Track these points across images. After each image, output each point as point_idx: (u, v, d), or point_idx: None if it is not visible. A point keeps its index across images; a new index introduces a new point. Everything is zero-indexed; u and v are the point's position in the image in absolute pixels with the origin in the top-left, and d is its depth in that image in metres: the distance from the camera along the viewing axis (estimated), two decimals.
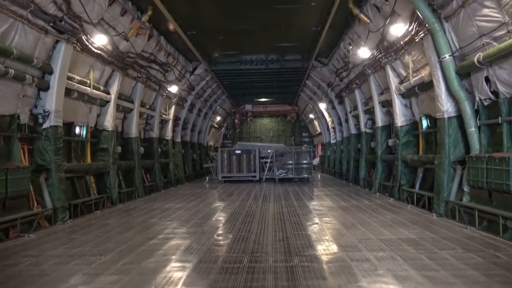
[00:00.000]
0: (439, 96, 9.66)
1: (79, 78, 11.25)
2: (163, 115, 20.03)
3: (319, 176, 26.71)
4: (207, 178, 24.78)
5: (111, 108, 13.34)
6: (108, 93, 13.21)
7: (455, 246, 6.65)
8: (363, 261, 5.91)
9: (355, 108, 19.37)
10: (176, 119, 22.62)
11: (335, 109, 23.93)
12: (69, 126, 11.84)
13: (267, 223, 9.39)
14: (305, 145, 24.30)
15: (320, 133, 32.33)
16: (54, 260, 6.28)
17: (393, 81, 12.90)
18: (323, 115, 28.54)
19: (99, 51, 11.68)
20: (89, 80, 11.87)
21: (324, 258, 6.20)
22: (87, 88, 11.74)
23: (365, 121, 17.75)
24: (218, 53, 19.87)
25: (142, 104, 16.85)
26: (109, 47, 12.22)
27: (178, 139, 23.33)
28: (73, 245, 7.29)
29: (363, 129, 17.83)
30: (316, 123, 33.26)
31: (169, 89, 19.07)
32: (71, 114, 11.64)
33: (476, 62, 8.06)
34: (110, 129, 13.33)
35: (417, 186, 11.98)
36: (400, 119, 12.93)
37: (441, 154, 9.72)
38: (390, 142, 14.41)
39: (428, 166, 11.48)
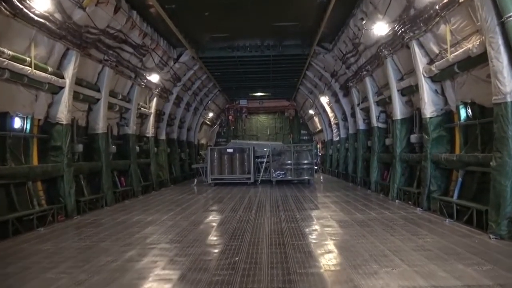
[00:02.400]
0: (498, 72, 6.95)
1: (12, 53, 8.40)
2: (143, 109, 17.28)
3: (321, 177, 24.02)
4: (195, 180, 22.03)
5: (65, 96, 10.57)
6: (62, 77, 10.46)
7: None
8: None
9: (364, 99, 16.74)
10: (159, 113, 19.89)
11: (339, 102, 21.29)
12: (2, 118, 9.10)
13: (260, 250, 6.69)
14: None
15: (320, 130, 29.71)
16: None
17: (421, 61, 10.22)
18: (324, 110, 25.93)
19: (42, 20, 8.91)
20: (30, 57, 9.09)
21: None
22: (27, 67, 8.94)
23: (378, 114, 15.08)
24: (206, 37, 17.03)
25: (113, 94, 14.11)
26: (58, 16, 9.46)
27: (163, 137, 20.58)
28: None
29: (374, 123, 15.17)
30: (316, 119, 30.70)
31: (148, 77, 16.28)
32: (4, 101, 8.92)
33: None
34: (64, 122, 10.59)
35: (456, 194, 9.29)
36: (429, 109, 10.24)
37: (501, 152, 7.02)
38: (413, 138, 11.72)
39: (471, 168, 8.81)
